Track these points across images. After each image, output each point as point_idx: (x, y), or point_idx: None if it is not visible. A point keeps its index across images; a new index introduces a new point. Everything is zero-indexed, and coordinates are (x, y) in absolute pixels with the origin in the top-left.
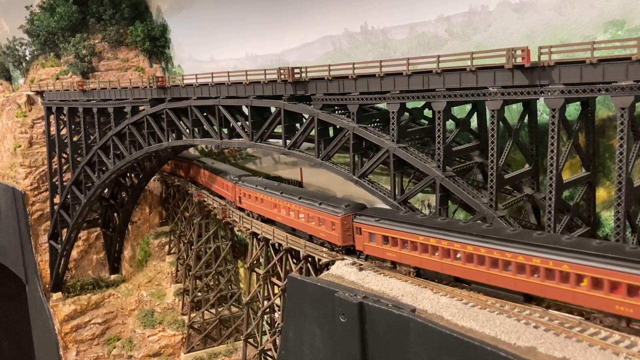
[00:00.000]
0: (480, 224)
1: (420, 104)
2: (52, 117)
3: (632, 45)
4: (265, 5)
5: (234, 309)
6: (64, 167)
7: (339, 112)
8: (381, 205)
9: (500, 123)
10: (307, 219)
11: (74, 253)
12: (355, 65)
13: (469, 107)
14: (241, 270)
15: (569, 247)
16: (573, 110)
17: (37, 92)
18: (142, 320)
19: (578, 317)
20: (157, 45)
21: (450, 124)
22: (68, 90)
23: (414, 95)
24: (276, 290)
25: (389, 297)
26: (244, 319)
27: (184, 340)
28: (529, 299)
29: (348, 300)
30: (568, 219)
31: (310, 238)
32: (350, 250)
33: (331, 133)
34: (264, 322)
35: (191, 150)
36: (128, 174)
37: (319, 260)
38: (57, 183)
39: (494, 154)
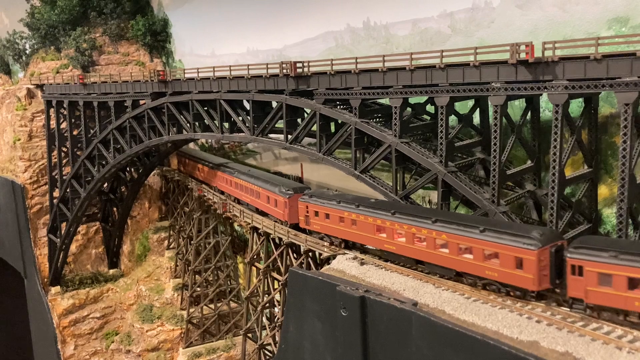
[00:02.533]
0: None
1: (422, 99)
2: (52, 110)
3: (636, 42)
4: (267, 0)
5: (232, 305)
6: (64, 161)
7: (341, 107)
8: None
9: (503, 119)
10: (458, 253)
11: (73, 247)
12: (358, 60)
13: (471, 102)
14: (240, 266)
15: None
16: (576, 107)
17: (37, 86)
18: (140, 315)
19: (580, 313)
20: (158, 39)
21: (452, 119)
22: (68, 83)
23: (416, 90)
24: (276, 285)
25: (391, 291)
26: (243, 314)
27: (182, 335)
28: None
29: (349, 294)
30: (570, 215)
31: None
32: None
33: (333, 128)
34: (264, 317)
35: (191, 145)
36: (128, 168)
37: (320, 254)
38: (56, 177)
39: (496, 149)
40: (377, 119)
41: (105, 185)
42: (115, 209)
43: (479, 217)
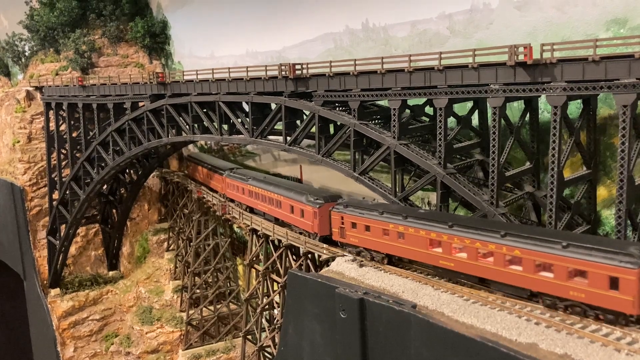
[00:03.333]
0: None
1: (421, 100)
2: (51, 112)
3: (634, 43)
4: (265, 1)
5: (232, 306)
6: (63, 163)
7: (340, 108)
8: None
9: (502, 120)
10: (534, 271)
11: (72, 249)
12: (357, 62)
13: (470, 104)
14: (240, 268)
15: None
16: (574, 109)
17: (37, 88)
18: (140, 317)
19: (579, 315)
20: (157, 41)
21: (451, 121)
22: (68, 85)
23: (415, 92)
24: (275, 286)
25: (390, 293)
26: (242, 315)
27: (182, 337)
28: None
29: (349, 296)
30: (569, 217)
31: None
32: None
33: (332, 130)
34: (263, 319)
35: (190, 147)
36: (127, 170)
37: (319, 256)
38: (56, 179)
39: (495, 151)
40: (376, 121)
41: (105, 187)
42: (114, 210)
43: (560, 231)
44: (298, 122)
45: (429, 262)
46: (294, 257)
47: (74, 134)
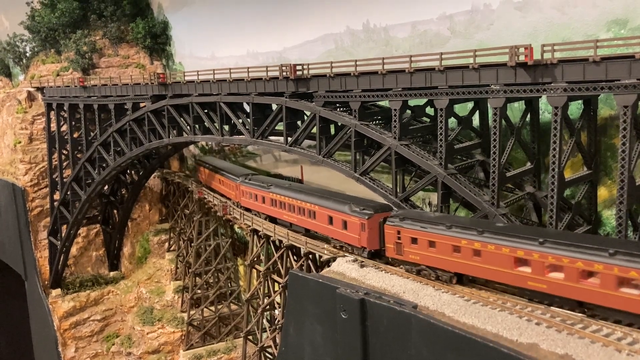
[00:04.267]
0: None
1: (422, 101)
2: (52, 113)
3: (635, 44)
4: (266, 2)
5: (233, 307)
6: (64, 164)
7: (341, 109)
8: None
9: (503, 121)
10: None
11: (74, 250)
12: (358, 63)
13: (471, 104)
14: (241, 268)
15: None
16: (575, 109)
17: (38, 89)
18: (141, 317)
19: (580, 314)
20: (158, 42)
21: (452, 121)
22: (69, 86)
23: (416, 93)
24: (276, 287)
25: (391, 293)
26: (243, 316)
27: (183, 337)
28: None
29: (349, 297)
30: (569, 217)
31: None
32: None
33: (332, 130)
34: (264, 319)
35: (191, 147)
36: (128, 171)
37: (320, 257)
38: (57, 179)
39: (496, 152)
40: (377, 122)
41: (106, 187)
42: (115, 211)
43: None
44: (299, 122)
45: (513, 283)
46: (295, 257)
47: (75, 135)
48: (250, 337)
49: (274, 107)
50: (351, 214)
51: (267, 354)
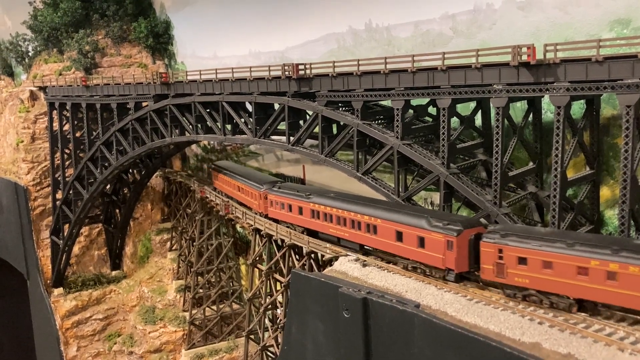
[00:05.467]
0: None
1: (424, 101)
2: (54, 112)
3: (637, 44)
4: (268, 2)
5: (235, 306)
6: (67, 163)
7: (343, 108)
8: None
9: (505, 120)
10: None
11: (76, 249)
12: (360, 62)
13: (473, 104)
14: (243, 267)
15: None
16: (578, 109)
17: (40, 88)
18: (143, 317)
19: (583, 314)
20: (160, 41)
21: (454, 121)
22: (71, 85)
23: (418, 92)
24: (278, 286)
25: (393, 292)
26: (245, 315)
27: (184, 336)
28: None
29: (352, 296)
30: (572, 217)
31: None
32: None
33: (335, 130)
34: (266, 319)
35: (193, 147)
36: (130, 170)
37: (322, 256)
38: (59, 179)
39: (498, 151)
40: (379, 121)
41: (108, 187)
42: (117, 210)
43: None
44: (301, 122)
45: None
46: (297, 256)
47: (78, 134)
48: (252, 337)
49: (277, 106)
50: (432, 229)
51: (269, 353)
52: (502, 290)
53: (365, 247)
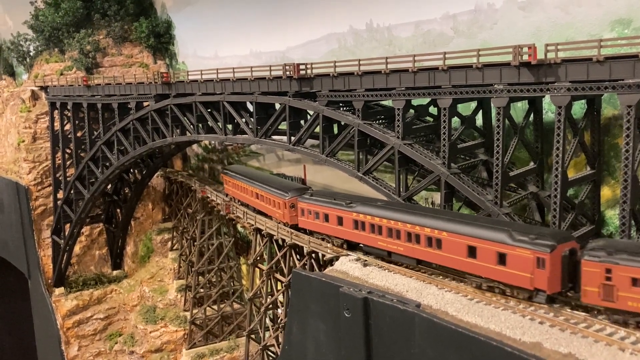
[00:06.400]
0: None
1: (425, 100)
2: (56, 112)
3: (639, 44)
4: (269, 2)
5: (236, 306)
6: (68, 163)
7: (344, 108)
8: None
9: (506, 120)
10: None
11: (77, 248)
12: (361, 62)
13: (474, 104)
14: (243, 267)
15: None
16: (578, 109)
17: (42, 88)
18: (144, 316)
19: (583, 313)
20: (161, 41)
21: (455, 121)
22: (72, 85)
23: (419, 92)
24: (279, 286)
25: (394, 292)
26: (246, 315)
27: (185, 336)
28: None
29: (353, 295)
30: (573, 217)
31: None
32: None
33: (335, 130)
34: (267, 318)
35: (194, 146)
36: (131, 170)
37: (323, 256)
38: (60, 178)
39: (499, 151)
40: (380, 121)
41: (109, 186)
42: (118, 210)
43: None
44: (302, 122)
45: None
46: (298, 256)
47: (79, 134)
48: (253, 336)
49: (277, 106)
50: (516, 244)
51: (270, 353)
52: (607, 316)
53: (421, 262)
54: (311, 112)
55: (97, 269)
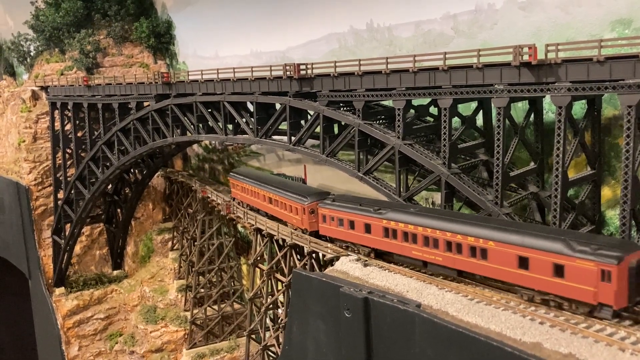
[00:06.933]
0: None
1: (426, 100)
2: (56, 112)
3: (639, 44)
4: (270, 1)
5: (236, 306)
6: (68, 163)
7: (345, 108)
8: None
9: (506, 121)
10: None
11: (77, 248)
12: (362, 62)
13: (474, 104)
14: (244, 267)
15: None
16: (579, 109)
17: (42, 88)
18: (144, 316)
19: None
20: (161, 41)
21: (455, 121)
22: (73, 85)
23: (420, 92)
24: (280, 286)
25: (394, 292)
26: (246, 315)
27: (186, 336)
28: None
29: (353, 295)
30: (573, 217)
31: None
32: None
33: (336, 130)
34: (267, 318)
35: (195, 146)
36: (132, 170)
37: (324, 256)
38: (61, 178)
39: (499, 151)
40: (381, 121)
41: (110, 186)
42: (119, 210)
43: None
44: (302, 122)
45: None
46: (298, 256)
47: (79, 134)
48: (253, 336)
49: (278, 106)
50: (576, 255)
51: (270, 353)
52: None
53: (462, 272)
54: (311, 112)
55: (97, 269)
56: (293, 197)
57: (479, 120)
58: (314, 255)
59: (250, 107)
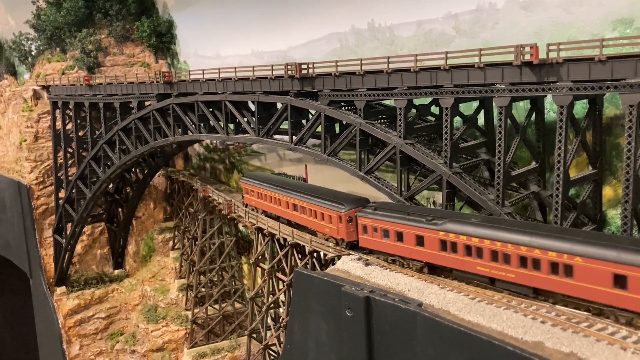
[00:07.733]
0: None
1: (427, 100)
2: (58, 111)
3: None
4: (271, 1)
5: (237, 305)
6: (70, 162)
7: (346, 108)
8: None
9: (508, 120)
10: None
11: (78, 248)
12: (363, 62)
13: (476, 104)
14: (245, 267)
15: None
16: (580, 108)
17: (43, 87)
18: (145, 315)
19: (585, 313)
20: (163, 41)
21: (457, 120)
22: (74, 85)
23: (421, 92)
24: (281, 285)
25: (396, 291)
26: (248, 314)
27: (187, 335)
28: None
29: (354, 295)
30: (574, 216)
31: None
32: None
33: (337, 129)
34: (268, 318)
35: (196, 146)
36: (133, 169)
37: (325, 255)
38: (62, 177)
39: (501, 151)
40: (382, 120)
41: (111, 186)
42: (120, 209)
43: None
44: (304, 121)
45: None
46: (300, 255)
47: (81, 133)
48: (254, 335)
49: (279, 105)
50: None
51: (272, 352)
52: None
53: (537, 290)
54: (313, 112)
55: (98, 268)
56: (326, 204)
57: (481, 119)
58: (315, 254)
59: (252, 107)
